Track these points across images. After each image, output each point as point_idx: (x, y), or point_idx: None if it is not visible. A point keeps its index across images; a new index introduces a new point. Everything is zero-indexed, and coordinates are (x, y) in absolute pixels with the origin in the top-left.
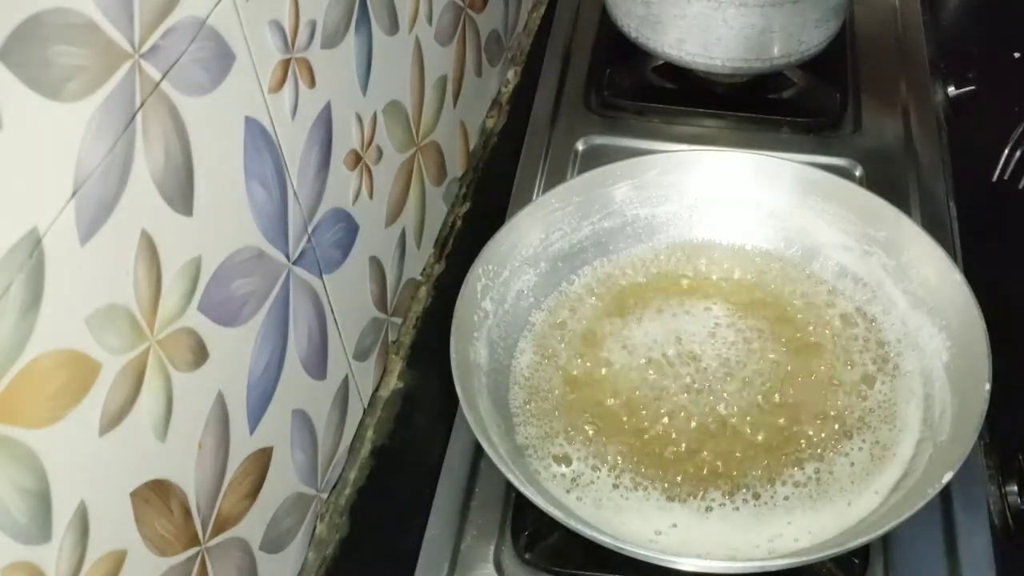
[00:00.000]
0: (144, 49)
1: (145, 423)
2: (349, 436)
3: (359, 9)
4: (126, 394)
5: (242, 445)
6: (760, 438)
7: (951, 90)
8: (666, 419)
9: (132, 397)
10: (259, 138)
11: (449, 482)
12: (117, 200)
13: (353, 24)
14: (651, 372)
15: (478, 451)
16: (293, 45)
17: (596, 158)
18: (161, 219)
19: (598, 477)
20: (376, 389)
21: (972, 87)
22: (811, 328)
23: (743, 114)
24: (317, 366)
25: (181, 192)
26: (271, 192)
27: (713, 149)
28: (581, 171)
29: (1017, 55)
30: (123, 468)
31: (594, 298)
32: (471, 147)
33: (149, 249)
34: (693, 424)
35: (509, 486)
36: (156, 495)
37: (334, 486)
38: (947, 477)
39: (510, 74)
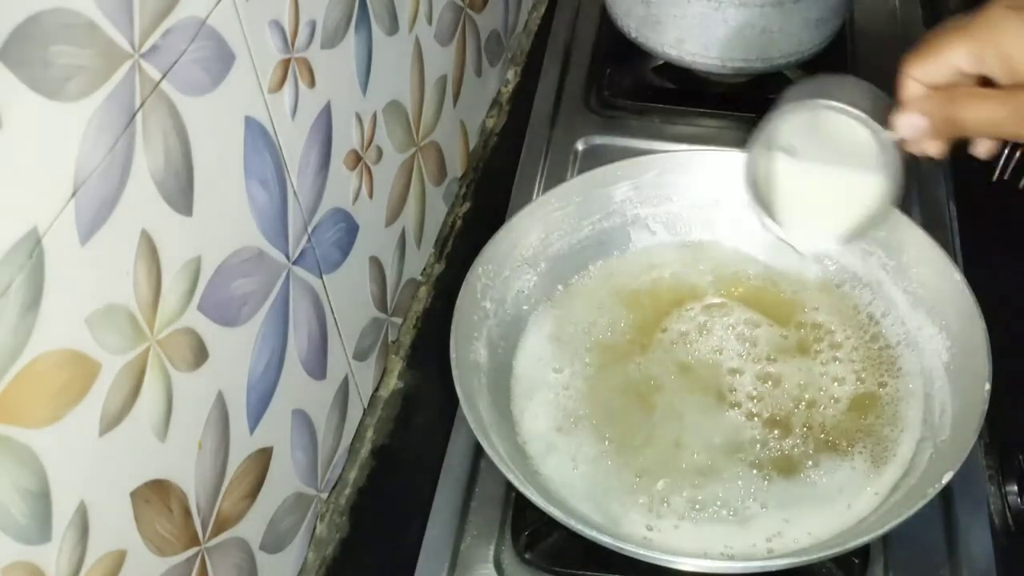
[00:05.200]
0: (144, 49)
1: (145, 423)
2: (349, 436)
3: (359, 9)
4: (126, 394)
5: (242, 445)
6: (760, 439)
7: None
8: (666, 419)
9: (132, 397)
10: (259, 138)
11: (449, 482)
12: (117, 200)
13: (353, 24)
14: (651, 372)
15: (478, 451)
16: (293, 45)
17: (596, 158)
18: (161, 219)
19: (599, 479)
20: (376, 389)
21: None
22: (811, 329)
23: (743, 114)
24: (317, 366)
25: (181, 192)
26: (271, 192)
27: (713, 149)
28: (581, 171)
29: None
30: (123, 468)
31: (594, 298)
32: (471, 147)
33: (149, 249)
34: (693, 425)
35: (509, 486)
36: (156, 495)
37: (334, 486)
38: (947, 477)
39: (510, 74)
